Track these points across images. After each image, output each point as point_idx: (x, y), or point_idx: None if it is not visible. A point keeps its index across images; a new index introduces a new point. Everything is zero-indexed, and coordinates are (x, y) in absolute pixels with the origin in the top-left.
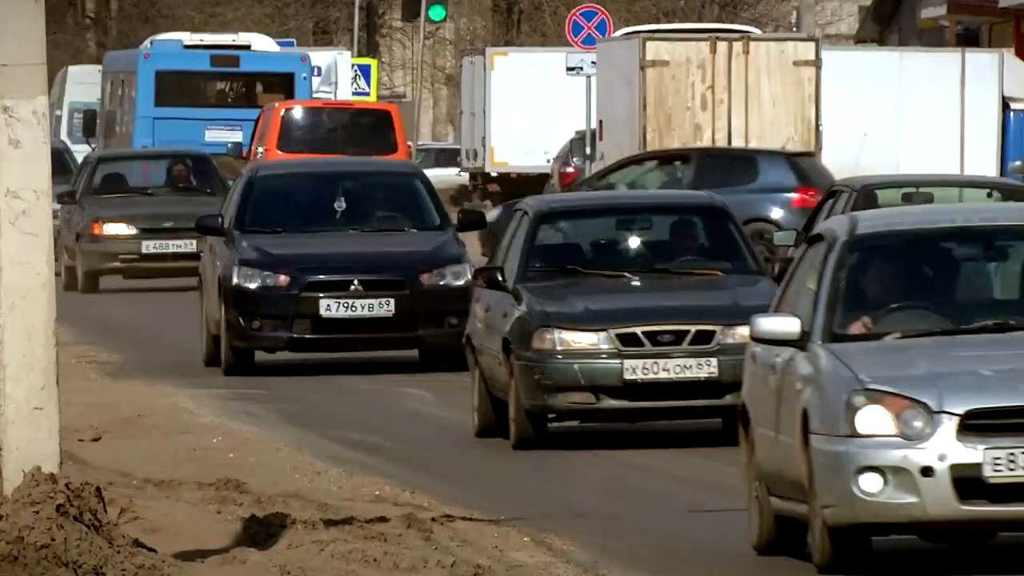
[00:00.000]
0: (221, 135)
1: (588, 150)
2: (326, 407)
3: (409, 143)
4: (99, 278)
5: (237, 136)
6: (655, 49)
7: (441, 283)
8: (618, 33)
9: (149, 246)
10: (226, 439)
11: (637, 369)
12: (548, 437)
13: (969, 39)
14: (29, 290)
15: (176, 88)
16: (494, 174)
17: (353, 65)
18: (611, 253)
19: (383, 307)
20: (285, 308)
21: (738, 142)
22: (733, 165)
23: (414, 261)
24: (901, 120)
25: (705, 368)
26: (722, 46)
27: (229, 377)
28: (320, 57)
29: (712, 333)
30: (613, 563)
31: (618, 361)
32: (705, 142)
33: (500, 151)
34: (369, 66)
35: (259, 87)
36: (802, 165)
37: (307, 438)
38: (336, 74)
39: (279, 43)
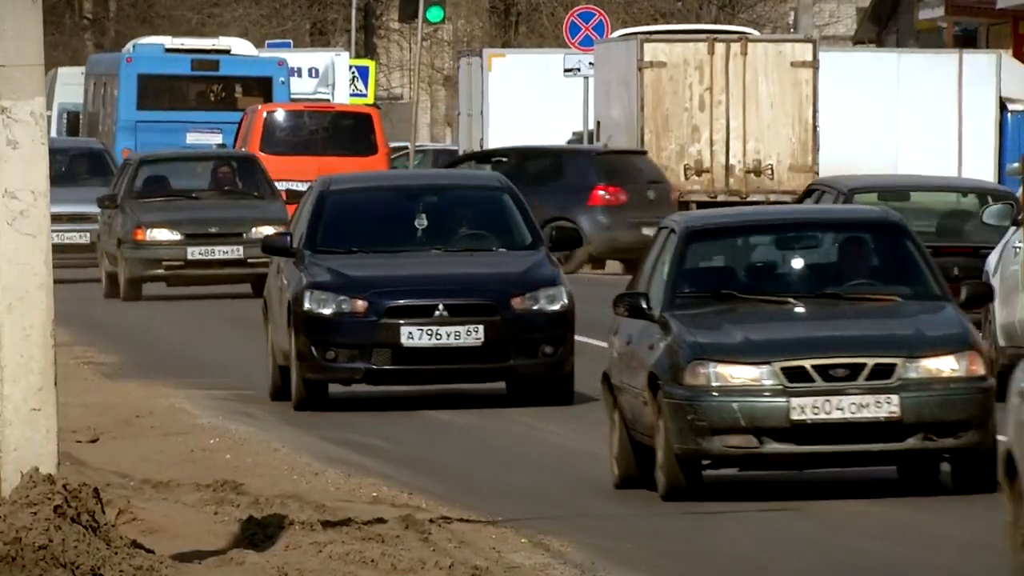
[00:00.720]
0: (202, 138)
1: None
2: (323, 408)
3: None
4: (142, 285)
5: (218, 138)
6: (653, 50)
7: (535, 308)
8: (616, 34)
9: (194, 252)
10: (224, 440)
11: (806, 408)
12: (702, 486)
13: (967, 40)
14: (27, 291)
15: (158, 91)
16: None
17: (351, 66)
18: (772, 276)
19: (471, 335)
20: (362, 336)
21: (736, 143)
22: (541, 164)
23: (505, 284)
24: (899, 121)
25: (885, 407)
26: (720, 47)
27: (228, 378)
28: (317, 58)
29: (892, 367)
30: (610, 564)
31: (784, 399)
32: (703, 143)
33: None
34: (367, 67)
35: (238, 90)
36: (612, 163)
37: (305, 439)
38: (334, 75)
39: (277, 44)
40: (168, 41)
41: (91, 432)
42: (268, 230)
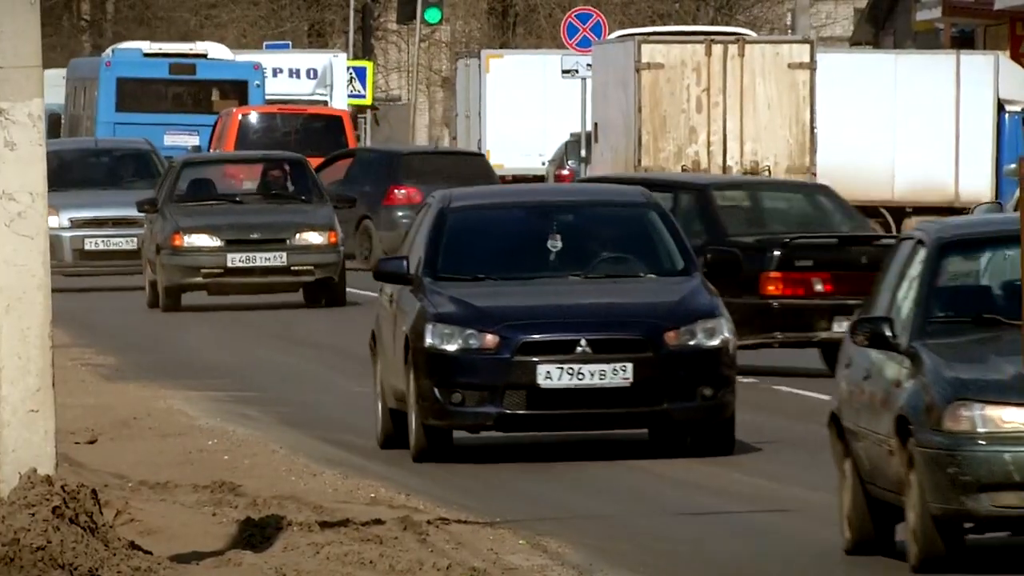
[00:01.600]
0: (180, 139)
1: (583, 152)
2: (321, 409)
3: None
4: (181, 295)
5: (195, 140)
6: (650, 51)
7: (691, 343)
8: (613, 35)
9: (234, 259)
10: (221, 441)
11: None
12: (965, 552)
13: (964, 41)
14: (25, 292)
15: (136, 94)
16: None
17: (348, 67)
18: None
19: (618, 374)
20: (493, 376)
21: (733, 144)
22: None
23: (656, 315)
24: (896, 122)
25: None
26: (717, 49)
27: (225, 379)
28: (316, 59)
29: None
30: (608, 565)
31: None
32: (700, 144)
33: (496, 153)
34: (364, 68)
35: (215, 94)
36: (412, 162)
37: (302, 440)
38: (332, 76)
39: (275, 45)
40: (146, 46)
41: (89, 433)
42: (313, 236)
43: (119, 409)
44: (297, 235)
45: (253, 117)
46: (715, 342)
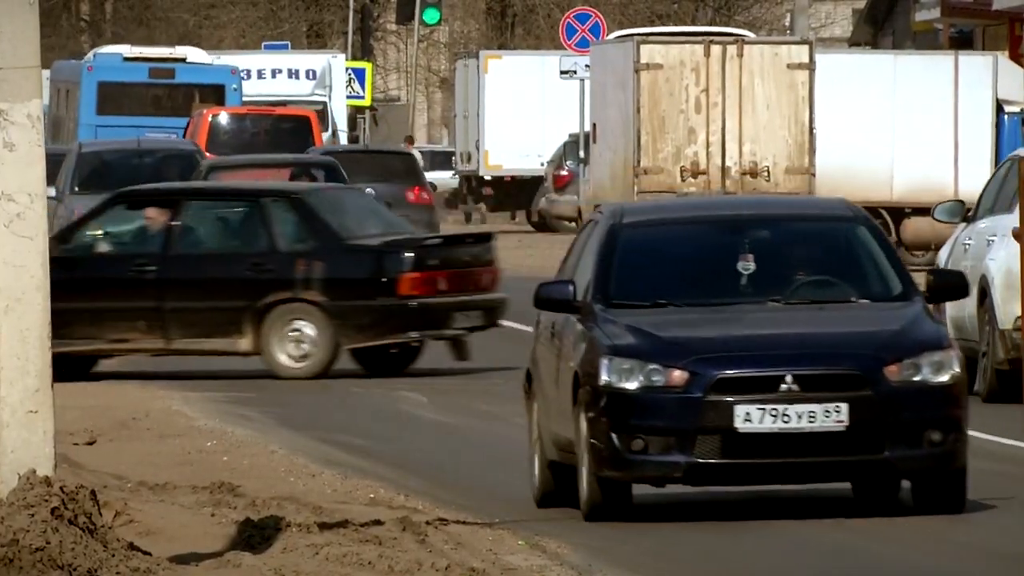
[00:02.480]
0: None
1: (582, 153)
2: (320, 410)
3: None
4: None
5: None
6: (649, 52)
7: (916, 379)
8: (612, 36)
9: None
10: (220, 442)
11: None
12: None
13: (963, 42)
14: (24, 293)
15: (117, 97)
16: (488, 177)
17: (347, 68)
18: None
19: (831, 416)
20: (682, 419)
21: (732, 145)
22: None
23: (874, 347)
24: (895, 123)
25: None
26: (716, 49)
27: (222, 380)
28: (314, 60)
29: None
30: (607, 566)
31: None
32: (699, 145)
33: (494, 154)
34: (363, 69)
35: (194, 97)
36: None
37: (301, 441)
38: (331, 77)
39: (274, 46)
40: (127, 50)
41: (88, 434)
42: None
43: (118, 410)
44: None
45: (223, 118)
46: (944, 378)
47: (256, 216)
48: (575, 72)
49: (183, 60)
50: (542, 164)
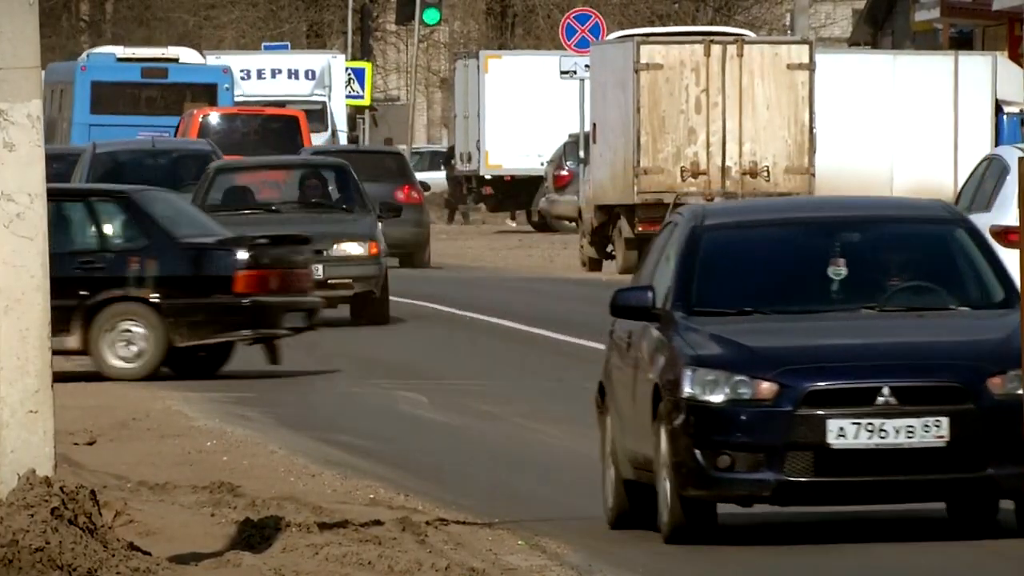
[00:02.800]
0: None
1: (582, 153)
2: (320, 410)
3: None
4: None
5: None
6: (649, 52)
7: (1020, 392)
8: (612, 36)
9: None
10: (220, 442)
11: None
12: None
13: (962, 42)
14: (24, 293)
15: (110, 97)
16: (488, 177)
17: (347, 68)
18: None
19: (931, 431)
20: (771, 434)
21: (732, 145)
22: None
23: (977, 357)
24: (895, 123)
25: None
26: (716, 49)
27: (222, 380)
28: (314, 60)
29: None
30: (607, 566)
31: None
32: (699, 145)
33: (494, 154)
34: (363, 69)
35: (186, 96)
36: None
37: (301, 441)
38: (330, 77)
39: (274, 46)
40: (120, 51)
41: (88, 434)
42: (352, 247)
43: (118, 410)
44: (334, 246)
45: (213, 118)
46: None
47: (86, 215)
48: (575, 72)
49: (176, 60)
50: (542, 164)
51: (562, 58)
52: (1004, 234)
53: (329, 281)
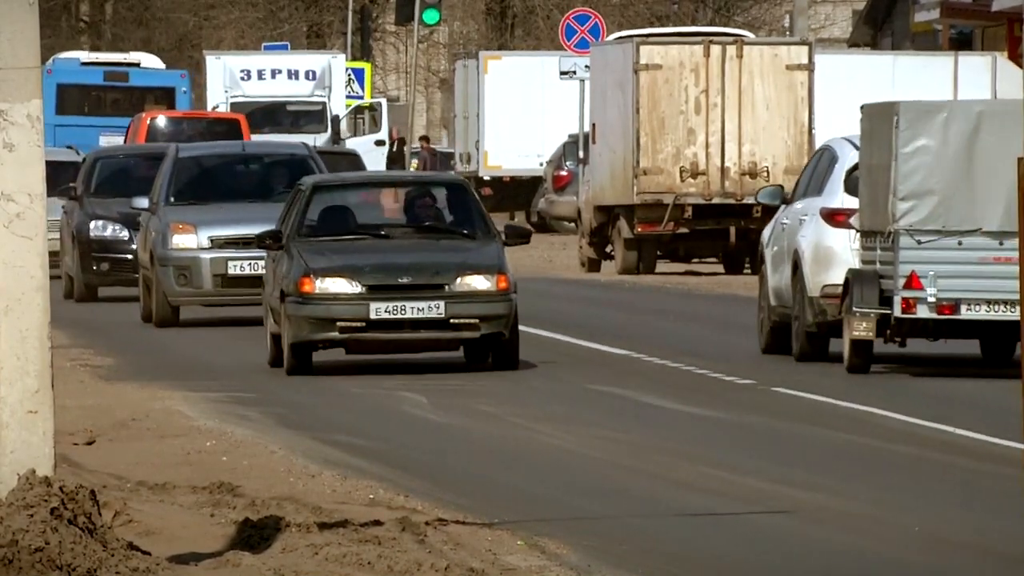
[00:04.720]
0: (114, 140)
1: (581, 154)
2: (320, 410)
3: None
4: (312, 352)
5: None
6: (648, 53)
7: None
8: (611, 37)
9: (379, 309)
10: (220, 442)
11: None
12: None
13: (962, 43)
14: (23, 293)
15: (74, 99)
16: (487, 177)
17: (347, 68)
18: None
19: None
20: None
21: (731, 145)
22: None
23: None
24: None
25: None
26: (715, 50)
27: (222, 380)
28: (314, 61)
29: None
30: (606, 566)
31: None
32: (698, 146)
33: (494, 154)
34: (363, 69)
35: (146, 99)
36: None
37: (301, 441)
38: (330, 77)
39: (274, 46)
40: (84, 55)
41: (88, 434)
42: (478, 280)
43: (118, 410)
44: (458, 279)
45: (160, 121)
46: None
47: None
48: (575, 73)
49: (137, 65)
50: (541, 164)
51: (561, 59)
52: (832, 216)
53: (451, 320)
